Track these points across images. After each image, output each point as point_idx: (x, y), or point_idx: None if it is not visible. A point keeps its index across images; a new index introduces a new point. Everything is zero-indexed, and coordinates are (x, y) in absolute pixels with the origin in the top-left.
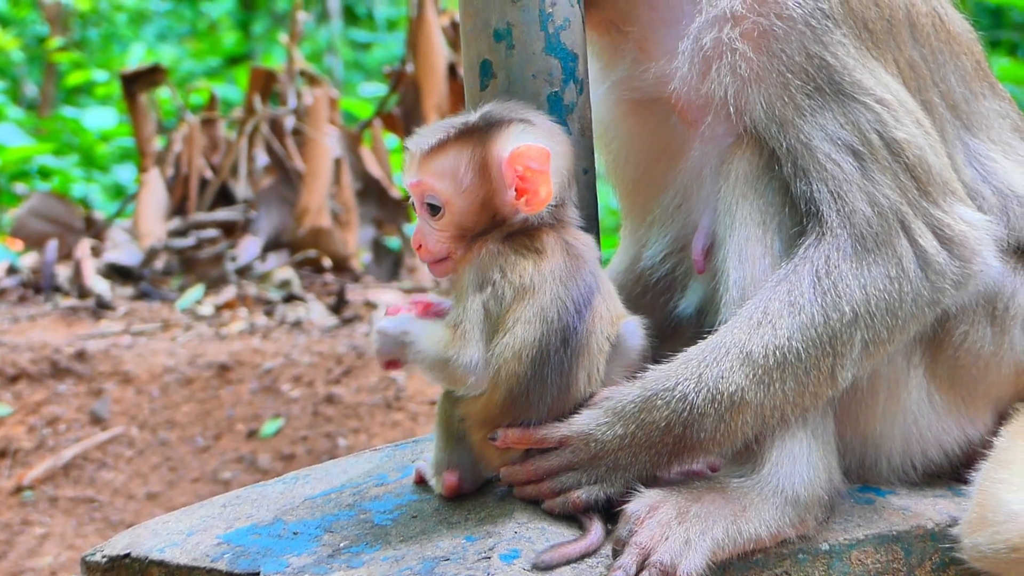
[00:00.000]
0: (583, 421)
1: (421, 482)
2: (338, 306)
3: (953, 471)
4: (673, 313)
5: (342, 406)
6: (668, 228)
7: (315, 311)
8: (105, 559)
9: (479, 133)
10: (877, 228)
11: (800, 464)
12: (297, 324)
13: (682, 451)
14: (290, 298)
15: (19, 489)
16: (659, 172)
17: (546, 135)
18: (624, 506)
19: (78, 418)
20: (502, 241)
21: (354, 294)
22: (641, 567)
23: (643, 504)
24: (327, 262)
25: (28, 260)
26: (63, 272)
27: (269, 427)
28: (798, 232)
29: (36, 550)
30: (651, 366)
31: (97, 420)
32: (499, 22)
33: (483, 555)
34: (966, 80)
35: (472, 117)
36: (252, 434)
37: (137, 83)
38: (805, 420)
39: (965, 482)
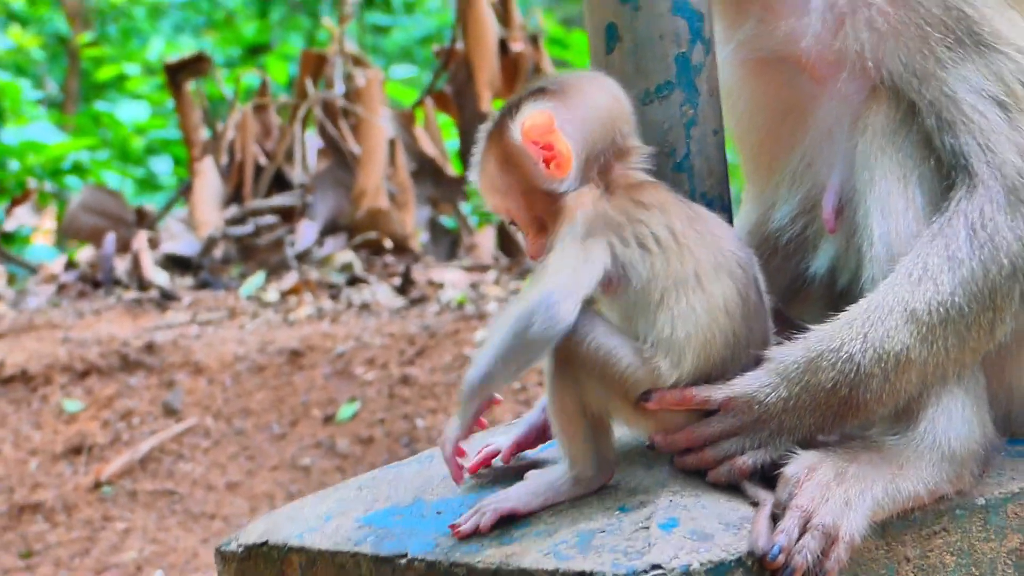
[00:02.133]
0: (746, 383)
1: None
2: (404, 287)
3: None
4: (805, 273)
5: (418, 387)
6: (797, 188)
7: (381, 293)
8: (241, 548)
9: (496, 130)
10: None
11: (955, 419)
12: (365, 306)
13: (847, 412)
14: (353, 281)
15: (97, 485)
16: (786, 132)
17: (557, 94)
18: (782, 469)
19: (151, 411)
20: (601, 199)
21: (416, 274)
22: (803, 530)
23: (801, 466)
24: (387, 243)
25: (84, 255)
26: (121, 265)
27: (345, 411)
28: (939, 185)
29: (119, 545)
30: (812, 326)
31: (171, 412)
32: None
33: (640, 525)
34: None
35: (492, 118)
36: (329, 419)
37: (181, 73)
38: (960, 375)
39: None
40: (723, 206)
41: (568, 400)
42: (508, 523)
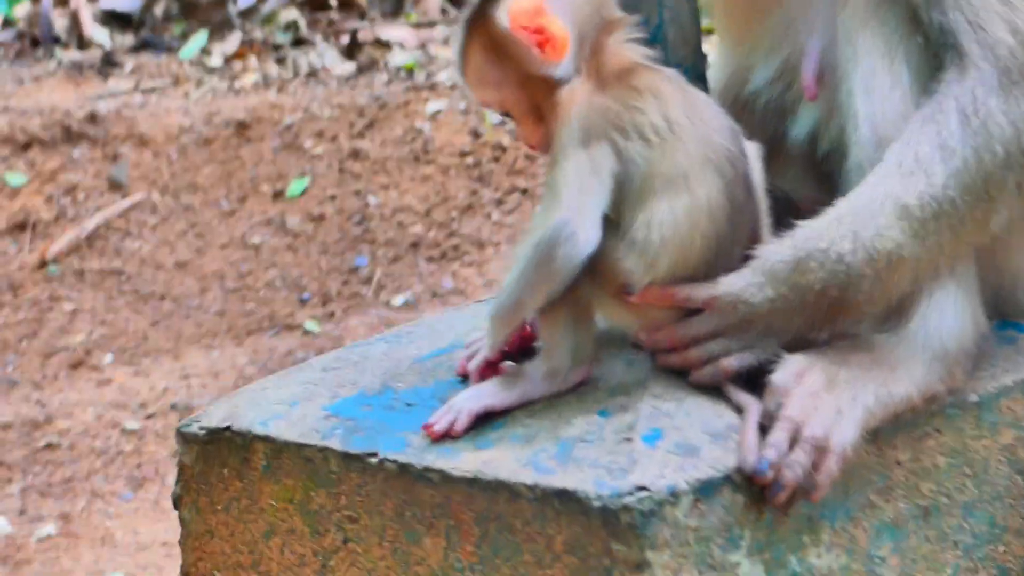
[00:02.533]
0: (731, 282)
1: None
2: (351, 49)
3: None
4: (783, 137)
5: (368, 161)
6: (775, 53)
7: (328, 56)
8: (203, 431)
9: (479, 20)
10: (1022, 59)
11: (947, 315)
12: (312, 74)
13: (836, 313)
14: (299, 41)
15: (43, 263)
16: None
17: None
18: (770, 377)
19: (96, 185)
20: (595, 92)
21: (363, 34)
22: (793, 442)
23: (790, 373)
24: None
25: (21, 10)
26: (60, 22)
27: (295, 187)
28: (927, 63)
29: (67, 328)
30: (799, 222)
31: (116, 186)
32: None
33: (623, 436)
34: None
35: (469, 6)
36: (278, 195)
37: None
38: (953, 269)
39: None
40: (698, 75)
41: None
42: (483, 421)
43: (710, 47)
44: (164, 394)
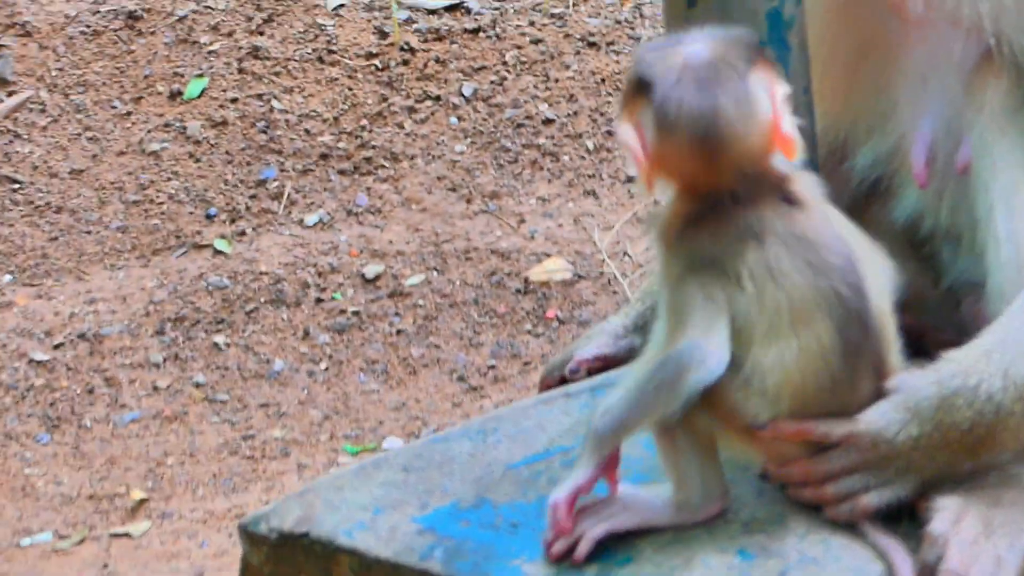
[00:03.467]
0: (872, 419)
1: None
2: None
3: None
4: (882, 217)
5: (270, 61)
6: (881, 134)
7: None
8: (275, 534)
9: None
10: None
11: None
12: None
13: (981, 450)
14: None
15: None
16: (868, 71)
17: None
18: (928, 528)
19: None
20: (699, 221)
21: None
22: None
23: (947, 520)
24: None
25: None
26: None
27: (193, 88)
28: None
29: None
30: (944, 356)
31: (2, 82)
32: None
33: None
34: None
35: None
36: (175, 96)
37: None
38: None
39: None
40: (812, 168)
41: (673, 423)
42: (602, 545)
43: None
44: (71, 320)
